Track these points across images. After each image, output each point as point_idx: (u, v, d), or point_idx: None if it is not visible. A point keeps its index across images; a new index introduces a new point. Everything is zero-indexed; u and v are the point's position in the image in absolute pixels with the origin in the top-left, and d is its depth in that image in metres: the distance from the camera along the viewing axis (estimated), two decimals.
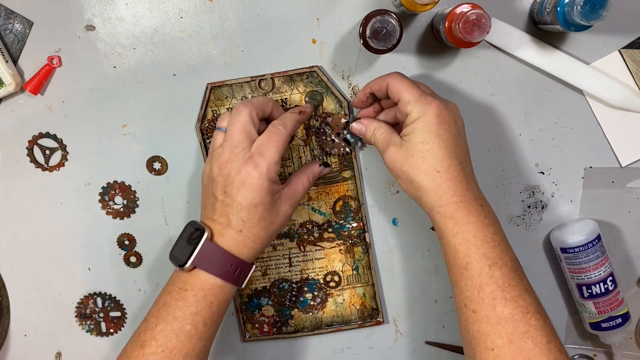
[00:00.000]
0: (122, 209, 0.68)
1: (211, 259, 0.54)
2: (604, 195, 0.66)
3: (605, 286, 0.63)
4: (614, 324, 0.64)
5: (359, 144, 0.65)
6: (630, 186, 0.65)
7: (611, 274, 0.63)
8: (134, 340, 0.55)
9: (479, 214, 0.54)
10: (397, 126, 0.60)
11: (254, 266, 0.58)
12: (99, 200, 0.67)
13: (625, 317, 0.64)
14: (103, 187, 0.67)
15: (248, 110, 0.55)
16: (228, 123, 0.56)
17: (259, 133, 0.56)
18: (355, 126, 0.61)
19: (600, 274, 0.63)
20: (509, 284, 0.51)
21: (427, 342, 0.70)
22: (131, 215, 0.68)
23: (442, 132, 0.54)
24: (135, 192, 0.67)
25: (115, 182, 0.67)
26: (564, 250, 0.63)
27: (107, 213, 0.68)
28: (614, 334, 0.64)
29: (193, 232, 0.55)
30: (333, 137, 0.64)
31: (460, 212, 0.53)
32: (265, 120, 0.59)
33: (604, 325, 0.64)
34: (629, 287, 0.68)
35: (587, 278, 0.63)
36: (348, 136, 0.63)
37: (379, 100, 0.61)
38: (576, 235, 0.63)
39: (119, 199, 0.67)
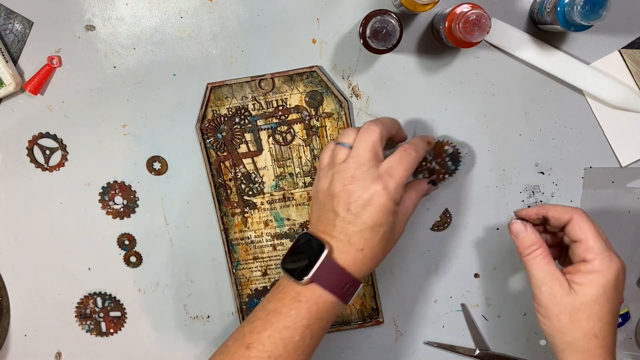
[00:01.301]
0: (122, 209, 0.68)
1: (329, 276, 0.53)
2: (604, 195, 0.66)
3: None
4: None
5: (457, 170, 0.64)
6: (630, 186, 0.65)
7: None
8: (237, 339, 0.54)
9: None
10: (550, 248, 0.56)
11: (361, 285, 0.55)
12: (99, 200, 0.67)
13: (625, 317, 0.64)
14: (103, 187, 0.67)
15: (379, 130, 0.54)
16: (356, 140, 0.55)
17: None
18: (517, 227, 0.55)
19: None
20: None
21: (427, 342, 0.70)
22: (131, 215, 0.68)
23: (615, 297, 0.51)
24: (135, 192, 0.67)
25: (115, 182, 0.67)
26: None
27: (107, 213, 0.68)
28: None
29: (311, 246, 0.53)
30: (434, 165, 0.62)
31: None
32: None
33: None
34: (629, 287, 0.68)
35: None
36: (449, 163, 0.63)
37: (544, 224, 0.58)
38: None
39: (119, 199, 0.67)
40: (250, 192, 0.67)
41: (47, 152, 0.66)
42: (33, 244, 0.69)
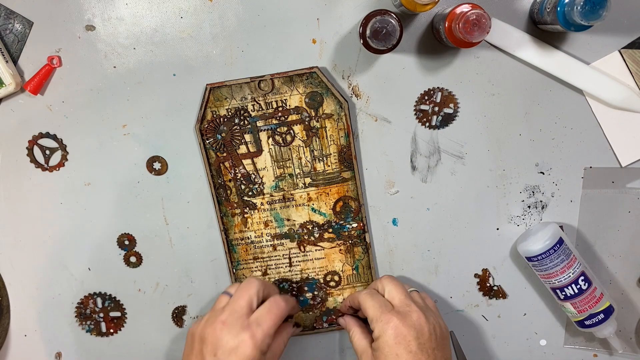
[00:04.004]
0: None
1: None
2: (604, 195, 0.66)
3: (578, 286, 0.63)
4: (596, 320, 0.63)
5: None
6: (630, 186, 0.65)
7: (582, 274, 0.63)
8: None
9: None
10: None
11: None
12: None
13: (608, 311, 0.63)
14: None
15: (258, 284, 0.59)
16: (236, 290, 0.60)
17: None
18: (340, 321, 0.67)
19: (570, 275, 0.62)
20: None
21: None
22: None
23: (401, 352, 0.55)
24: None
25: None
26: (529, 259, 0.64)
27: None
28: (603, 328, 0.64)
29: None
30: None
31: None
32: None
33: (587, 322, 0.64)
34: (629, 287, 0.68)
35: (558, 282, 0.63)
36: None
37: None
38: (537, 243, 0.62)
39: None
40: (250, 193, 0.67)
41: (47, 152, 0.66)
42: (33, 244, 0.69)
